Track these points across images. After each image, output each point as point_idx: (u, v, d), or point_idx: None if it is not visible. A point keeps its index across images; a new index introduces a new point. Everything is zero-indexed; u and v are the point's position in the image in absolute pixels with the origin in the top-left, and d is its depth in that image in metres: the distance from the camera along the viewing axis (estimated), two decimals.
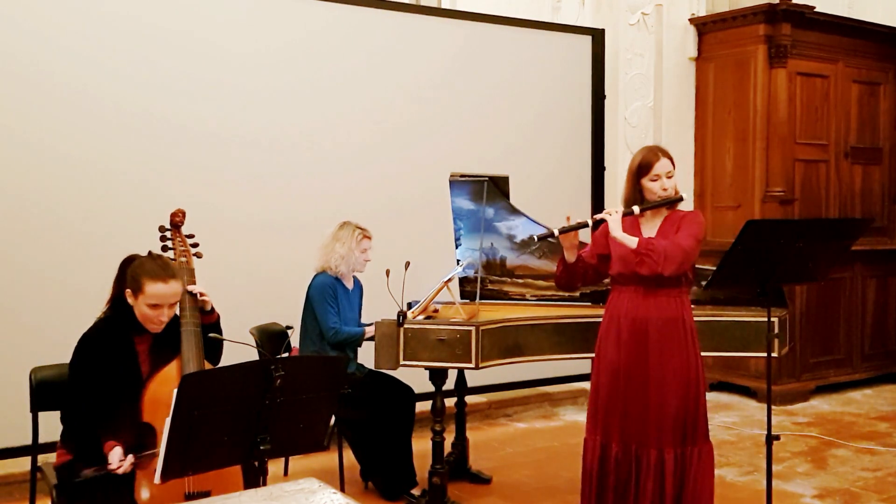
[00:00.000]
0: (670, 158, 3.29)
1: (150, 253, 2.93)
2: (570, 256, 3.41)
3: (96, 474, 2.64)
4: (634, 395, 3.23)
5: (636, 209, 3.25)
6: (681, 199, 3.28)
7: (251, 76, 4.93)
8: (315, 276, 4.25)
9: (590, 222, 3.33)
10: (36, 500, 3.13)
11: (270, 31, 5.01)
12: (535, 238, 3.45)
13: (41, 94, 4.38)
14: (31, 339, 4.18)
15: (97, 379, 2.78)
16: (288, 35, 5.06)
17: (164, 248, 3.07)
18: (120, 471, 2.61)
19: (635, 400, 3.23)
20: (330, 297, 4.17)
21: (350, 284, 4.33)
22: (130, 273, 2.86)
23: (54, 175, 4.41)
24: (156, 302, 2.81)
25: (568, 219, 3.37)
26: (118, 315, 2.89)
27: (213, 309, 3.03)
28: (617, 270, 3.30)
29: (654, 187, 3.25)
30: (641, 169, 3.26)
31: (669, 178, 3.25)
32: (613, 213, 3.24)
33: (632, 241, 3.18)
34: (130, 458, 2.63)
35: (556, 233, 3.32)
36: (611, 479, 3.27)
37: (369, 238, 4.29)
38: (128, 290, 2.84)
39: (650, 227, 3.30)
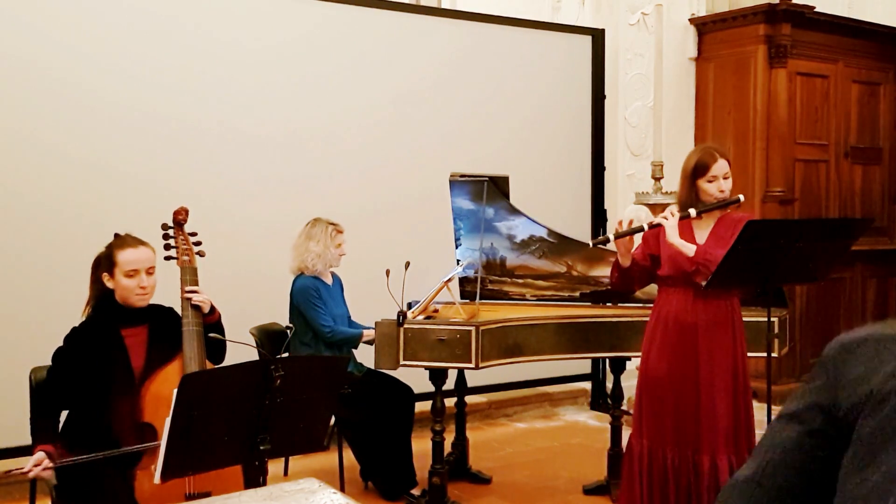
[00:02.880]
0: (728, 159, 3.22)
1: (115, 234, 2.97)
2: (625, 261, 3.29)
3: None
4: (683, 400, 3.18)
5: (693, 212, 3.17)
6: (738, 200, 3.21)
7: (252, 75, 4.93)
8: (295, 280, 4.22)
9: (646, 227, 3.23)
10: (36, 500, 3.13)
11: (271, 30, 5.00)
12: (591, 244, 3.32)
13: (42, 92, 4.38)
14: (31, 339, 4.17)
15: (77, 369, 2.79)
16: (288, 34, 5.06)
17: (167, 247, 3.07)
18: (30, 475, 2.68)
19: (684, 405, 3.18)
20: (316, 297, 4.15)
21: (329, 280, 4.32)
22: (102, 258, 2.90)
23: (55, 174, 4.41)
24: (132, 268, 2.84)
25: (623, 223, 3.23)
26: (102, 310, 2.90)
27: (213, 309, 3.03)
28: (667, 272, 3.24)
29: (711, 189, 3.18)
30: (698, 170, 3.19)
31: (726, 179, 3.19)
32: (670, 216, 3.17)
33: (689, 249, 3.11)
34: (47, 463, 2.66)
35: (612, 238, 3.23)
36: (670, 487, 3.20)
37: (342, 232, 4.27)
38: (104, 275, 2.88)
39: (703, 228, 3.24)
